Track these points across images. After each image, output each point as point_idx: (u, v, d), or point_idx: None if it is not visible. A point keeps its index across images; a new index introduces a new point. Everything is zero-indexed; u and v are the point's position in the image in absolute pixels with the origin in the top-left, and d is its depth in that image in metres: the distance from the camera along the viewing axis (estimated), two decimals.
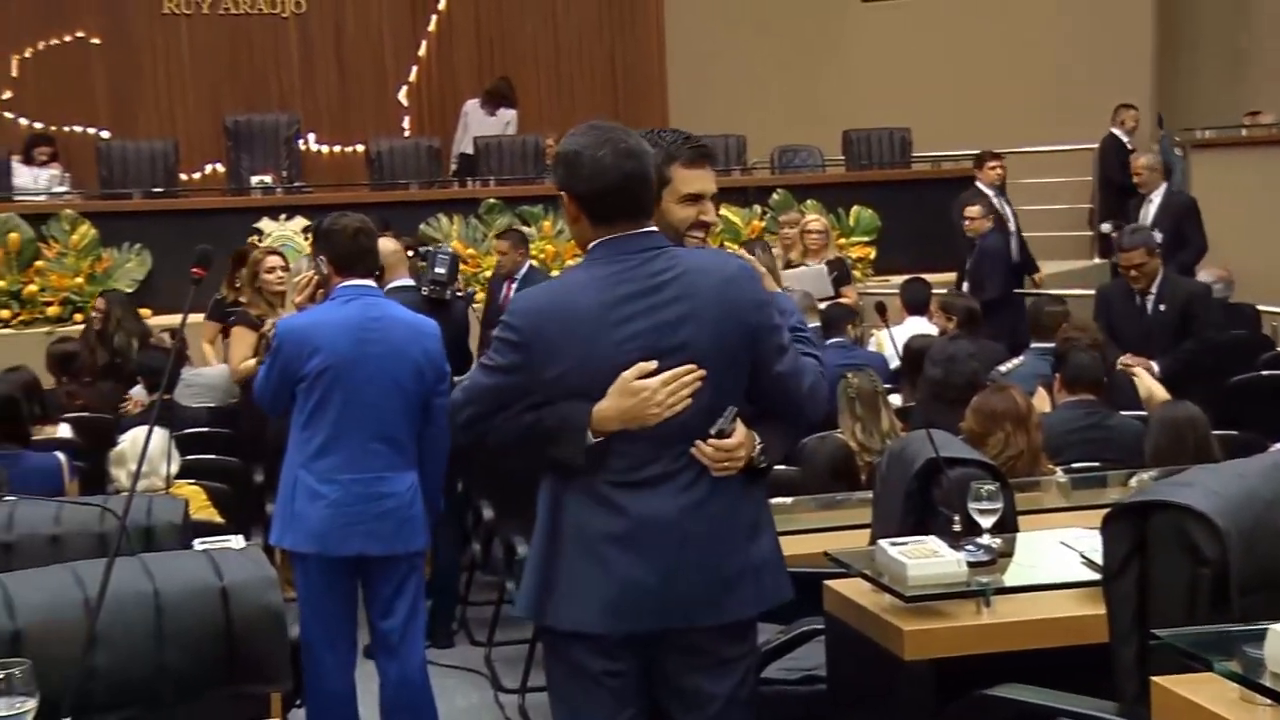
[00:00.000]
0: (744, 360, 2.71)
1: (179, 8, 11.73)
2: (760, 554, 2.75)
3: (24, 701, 1.91)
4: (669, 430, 2.64)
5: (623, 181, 2.66)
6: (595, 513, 2.69)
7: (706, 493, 2.68)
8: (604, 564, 2.66)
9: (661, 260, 2.69)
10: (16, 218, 8.61)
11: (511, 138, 10.91)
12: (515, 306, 2.80)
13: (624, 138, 2.70)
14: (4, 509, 3.15)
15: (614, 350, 2.65)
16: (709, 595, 2.68)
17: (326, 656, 4.16)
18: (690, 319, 2.66)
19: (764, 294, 2.77)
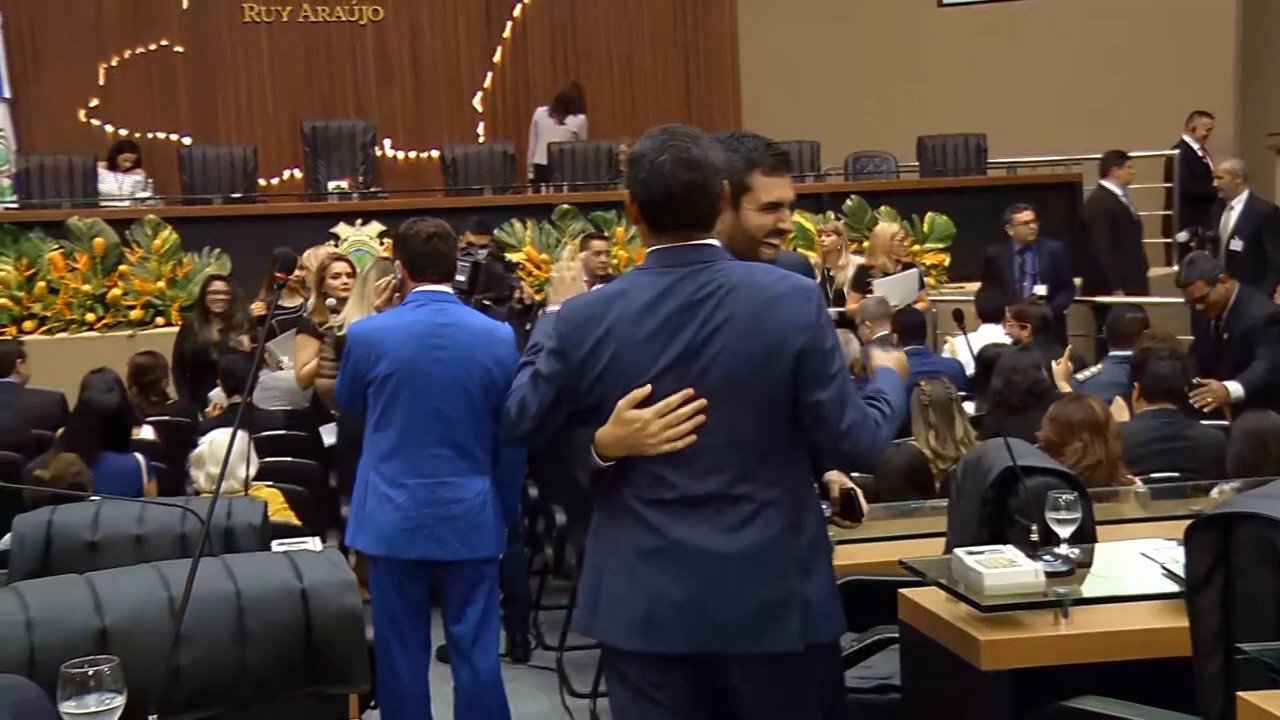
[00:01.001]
0: (780, 383, 2.61)
1: (259, 16, 11.89)
2: (812, 589, 2.66)
3: (112, 698, 1.94)
4: (693, 451, 2.60)
5: (679, 191, 2.63)
6: (631, 530, 2.67)
7: (747, 518, 2.62)
8: (637, 581, 2.65)
9: (708, 274, 2.63)
10: (102, 223, 8.77)
11: (584, 143, 10.94)
12: (560, 312, 2.80)
13: (689, 146, 2.65)
14: (90, 509, 3.21)
15: (642, 361, 2.62)
16: (745, 623, 2.61)
17: (399, 658, 4.19)
18: (722, 336, 2.60)
19: (816, 316, 2.64)
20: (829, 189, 10.36)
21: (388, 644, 4.16)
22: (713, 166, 2.65)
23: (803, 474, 2.76)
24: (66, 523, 3.12)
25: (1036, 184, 10.59)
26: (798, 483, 2.72)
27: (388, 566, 4.19)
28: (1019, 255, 8.70)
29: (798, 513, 2.67)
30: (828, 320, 2.68)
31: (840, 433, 2.64)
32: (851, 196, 10.02)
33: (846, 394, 2.65)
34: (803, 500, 2.72)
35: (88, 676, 1.93)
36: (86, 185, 9.66)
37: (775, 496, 2.64)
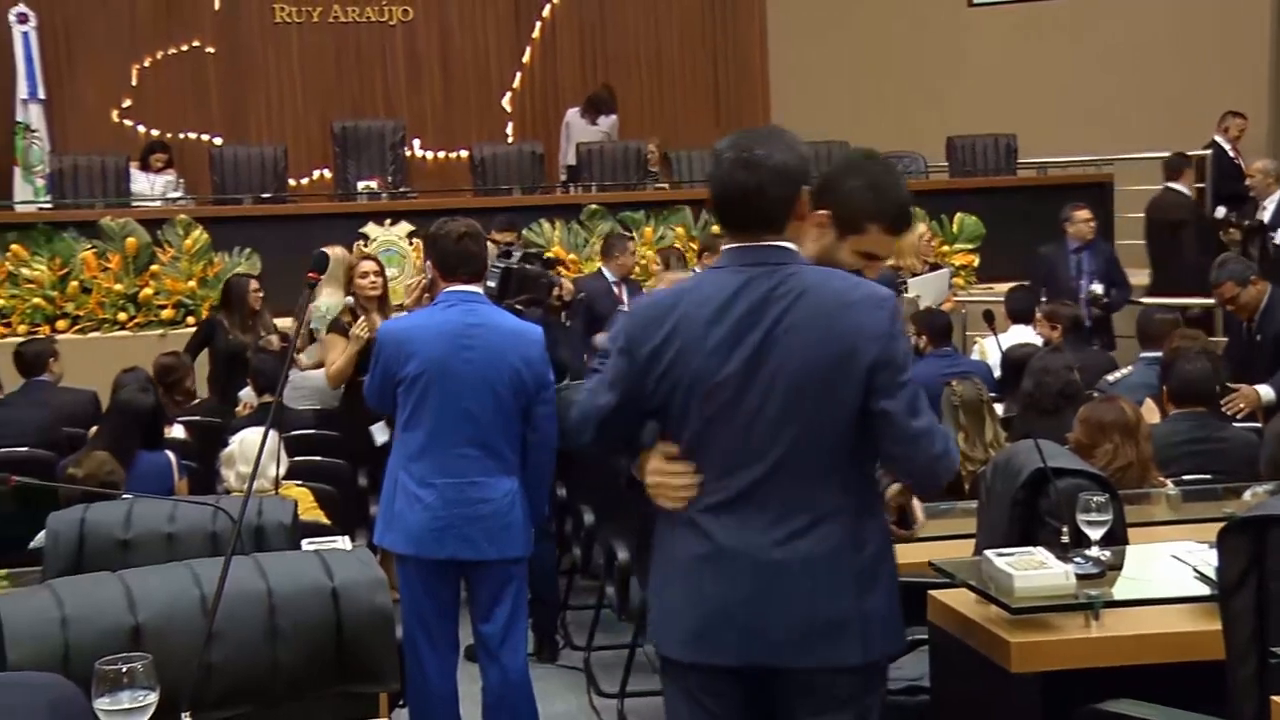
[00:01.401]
0: (846, 393, 2.55)
1: (290, 17, 11.94)
2: (873, 605, 2.59)
3: (146, 695, 1.95)
4: (752, 456, 2.57)
5: (734, 191, 2.61)
6: (685, 537, 2.64)
7: (805, 528, 2.56)
8: (689, 589, 2.62)
9: (779, 275, 2.59)
10: (134, 223, 8.83)
11: (613, 144, 10.95)
12: (629, 310, 2.81)
13: (752, 147, 2.61)
14: (123, 507, 3.24)
15: (708, 363, 2.59)
16: (799, 636, 2.56)
17: (427, 656, 4.21)
18: (790, 341, 2.55)
19: (889, 326, 2.57)
20: None
21: (416, 643, 4.18)
22: (773, 170, 2.59)
23: (867, 487, 2.69)
24: (99, 521, 3.14)
25: (1067, 184, 10.53)
26: (862, 495, 2.65)
27: (416, 566, 4.21)
28: (1075, 254, 8.65)
29: (860, 526, 2.61)
30: (901, 330, 2.63)
31: (911, 440, 2.56)
32: None
33: (918, 404, 2.58)
34: (866, 513, 2.65)
35: (121, 674, 1.95)
36: (119, 185, 9.73)
37: (836, 508, 2.58)
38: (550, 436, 4.33)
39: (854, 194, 2.79)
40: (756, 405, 2.56)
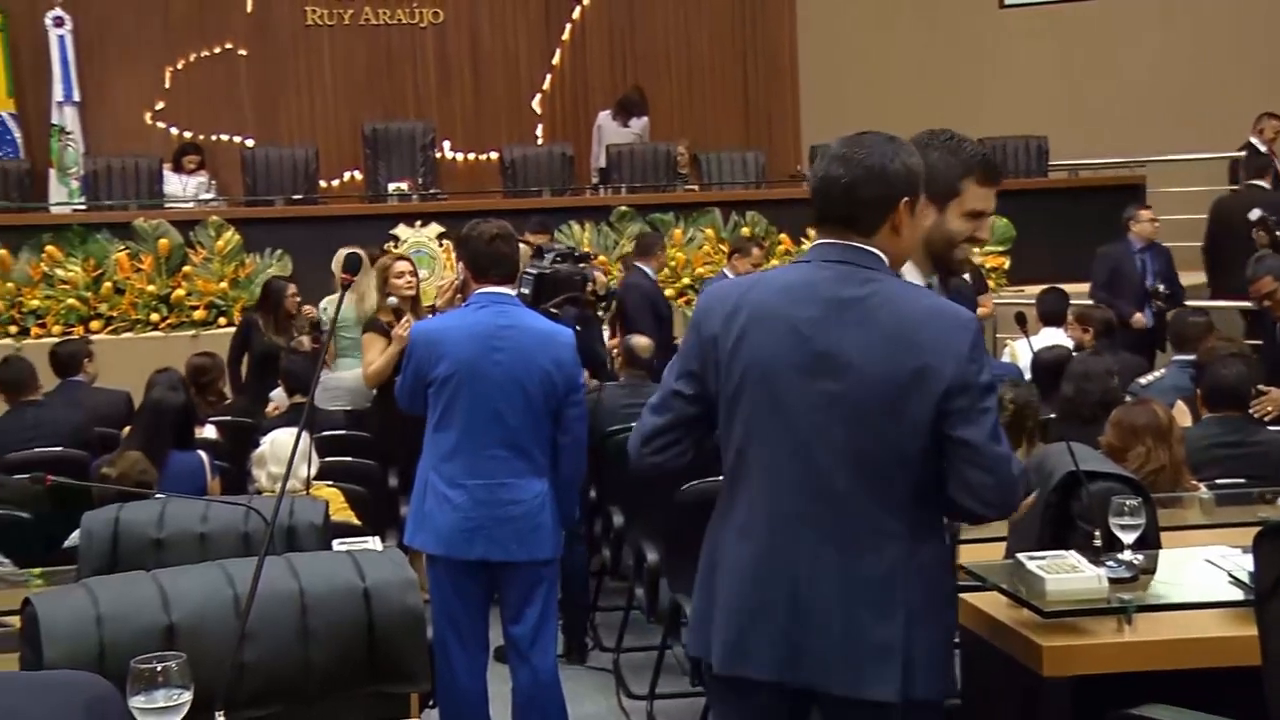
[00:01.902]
0: (915, 412, 2.45)
1: (322, 19, 12.01)
2: (921, 639, 2.48)
3: (180, 694, 1.97)
4: (809, 464, 2.50)
5: (822, 185, 2.57)
6: (736, 547, 2.59)
7: (861, 547, 2.48)
8: (733, 600, 2.57)
9: (862, 277, 2.53)
10: (167, 224, 8.89)
11: (643, 145, 10.96)
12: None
13: (852, 144, 2.57)
14: (156, 506, 3.25)
15: (776, 348, 2.53)
16: (839, 659, 2.48)
17: (457, 656, 4.22)
18: (863, 347, 2.47)
19: (971, 348, 2.47)
20: None
21: (446, 643, 4.19)
22: (868, 169, 2.53)
23: (931, 513, 2.56)
24: (133, 520, 3.15)
25: (1098, 186, 10.50)
26: (924, 520, 2.54)
27: (446, 566, 4.22)
28: (1139, 254, 8.60)
29: (919, 552, 2.50)
30: (982, 354, 2.51)
31: (991, 468, 2.45)
32: None
33: (999, 431, 2.49)
34: (927, 540, 2.53)
35: (156, 672, 1.96)
36: (152, 187, 9.81)
37: (895, 530, 2.49)
38: (581, 438, 4.34)
39: (935, 164, 2.72)
40: (818, 408, 2.50)
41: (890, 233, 2.56)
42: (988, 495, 2.48)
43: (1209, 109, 11.07)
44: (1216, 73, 11.36)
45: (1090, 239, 8.89)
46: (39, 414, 5.98)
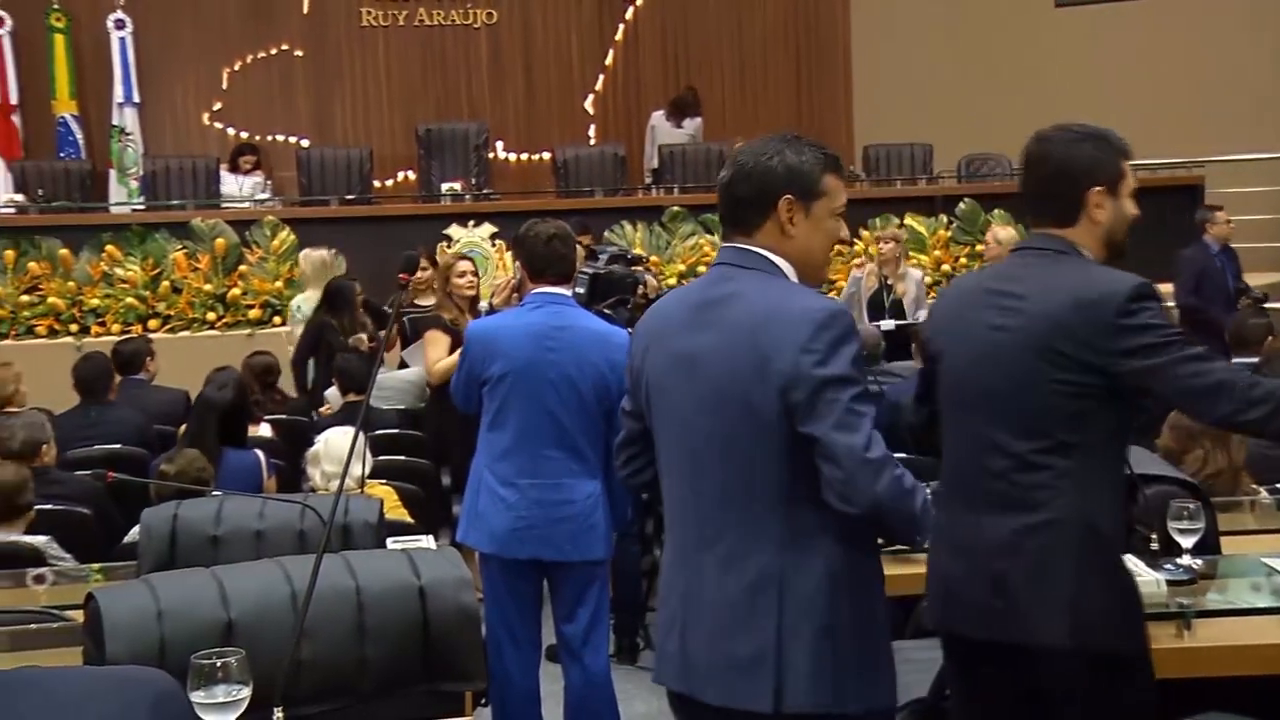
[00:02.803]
0: (764, 410, 2.36)
1: (377, 20, 12.09)
2: (791, 650, 2.37)
3: (239, 689, 1.99)
4: (688, 460, 2.48)
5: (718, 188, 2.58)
6: (666, 550, 2.63)
7: (732, 556, 2.42)
8: (663, 610, 2.59)
9: (726, 277, 2.50)
10: (223, 224, 8.97)
11: (696, 145, 10.96)
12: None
13: (743, 147, 2.56)
14: (213, 504, 3.30)
15: (662, 359, 2.53)
16: (708, 671, 2.45)
17: (510, 655, 4.23)
18: (709, 352, 2.44)
19: (809, 338, 2.35)
20: (941, 192, 10.25)
21: (499, 642, 4.20)
22: (741, 167, 2.51)
23: (816, 517, 2.39)
24: (191, 517, 3.20)
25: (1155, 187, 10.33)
26: (807, 525, 2.39)
27: (499, 565, 4.23)
28: (1218, 256, 8.50)
29: (801, 558, 2.39)
30: (828, 345, 2.36)
31: (835, 466, 2.31)
32: (965, 200, 9.91)
33: (851, 425, 2.32)
34: (811, 545, 2.39)
35: (216, 668, 1.98)
36: (209, 187, 9.91)
37: (772, 535, 2.40)
38: None
39: (1092, 155, 2.73)
40: (689, 413, 2.47)
41: (775, 231, 2.49)
42: (839, 489, 2.32)
43: (1269, 108, 10.93)
44: (1274, 71, 11.21)
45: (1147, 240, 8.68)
46: (101, 412, 6.06)
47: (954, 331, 2.76)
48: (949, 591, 2.69)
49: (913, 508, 2.36)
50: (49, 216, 9.22)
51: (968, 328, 2.71)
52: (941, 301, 3.04)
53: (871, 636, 2.46)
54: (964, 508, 2.66)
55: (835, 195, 2.53)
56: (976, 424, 2.66)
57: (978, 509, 2.62)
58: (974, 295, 2.77)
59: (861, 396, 2.35)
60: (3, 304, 8.56)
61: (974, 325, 2.69)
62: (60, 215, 9.30)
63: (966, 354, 2.70)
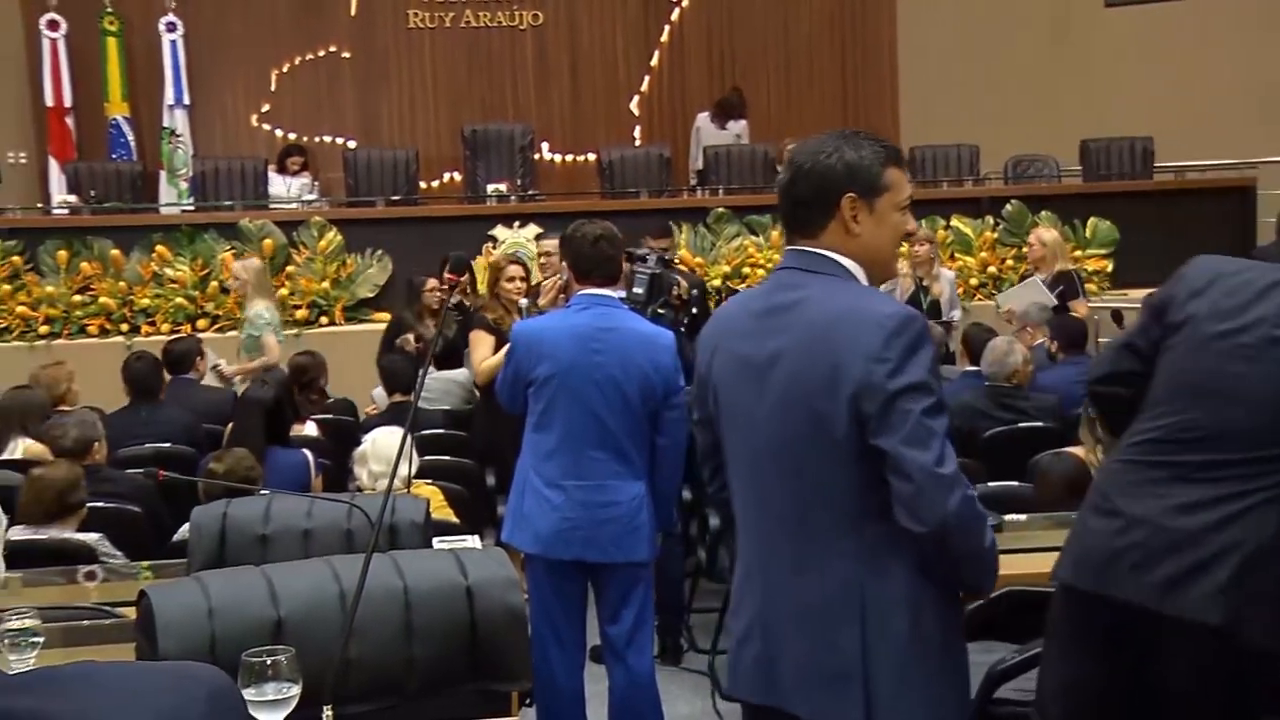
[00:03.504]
0: (836, 420, 2.31)
1: (423, 22, 12.15)
2: (877, 666, 2.34)
3: (289, 687, 2.01)
4: (762, 469, 2.44)
5: (779, 190, 2.54)
6: (740, 558, 2.59)
7: (809, 568, 2.39)
8: (735, 618, 2.56)
9: (793, 283, 2.45)
10: (271, 225, 9.05)
11: (741, 146, 10.94)
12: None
13: (800, 147, 2.53)
14: (262, 503, 3.32)
15: (729, 365, 2.50)
16: (795, 684, 2.41)
17: (555, 655, 4.24)
18: (779, 360, 2.39)
19: (882, 346, 2.29)
20: (988, 193, 10.20)
21: (544, 642, 4.22)
22: (799, 168, 2.47)
23: (886, 522, 2.33)
24: (240, 516, 3.22)
25: (1206, 189, 10.28)
26: (886, 540, 2.35)
27: (544, 565, 4.25)
28: None
29: (879, 574, 2.35)
30: (901, 353, 2.30)
31: (905, 480, 2.27)
32: (1011, 201, 9.85)
33: (922, 439, 2.27)
34: (891, 562, 2.35)
35: (266, 666, 2.00)
36: (257, 188, 9.97)
37: (846, 550, 2.36)
38: (679, 441, 4.34)
39: None
40: (760, 422, 2.42)
41: (840, 231, 2.44)
42: (908, 504, 2.27)
43: None
44: None
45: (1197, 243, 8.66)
46: (152, 411, 6.12)
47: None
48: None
49: (981, 535, 2.33)
50: (101, 217, 9.32)
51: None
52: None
53: (952, 647, 2.44)
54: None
55: (899, 188, 2.47)
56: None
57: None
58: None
59: (934, 408, 2.29)
60: (55, 304, 8.67)
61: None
62: (112, 216, 9.39)
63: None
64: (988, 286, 9.54)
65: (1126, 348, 2.84)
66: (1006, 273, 9.50)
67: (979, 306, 9.02)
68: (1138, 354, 2.76)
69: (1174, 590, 2.50)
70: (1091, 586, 2.62)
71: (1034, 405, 5.82)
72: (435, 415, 6.59)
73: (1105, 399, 2.90)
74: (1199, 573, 2.48)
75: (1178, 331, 2.66)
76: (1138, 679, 2.59)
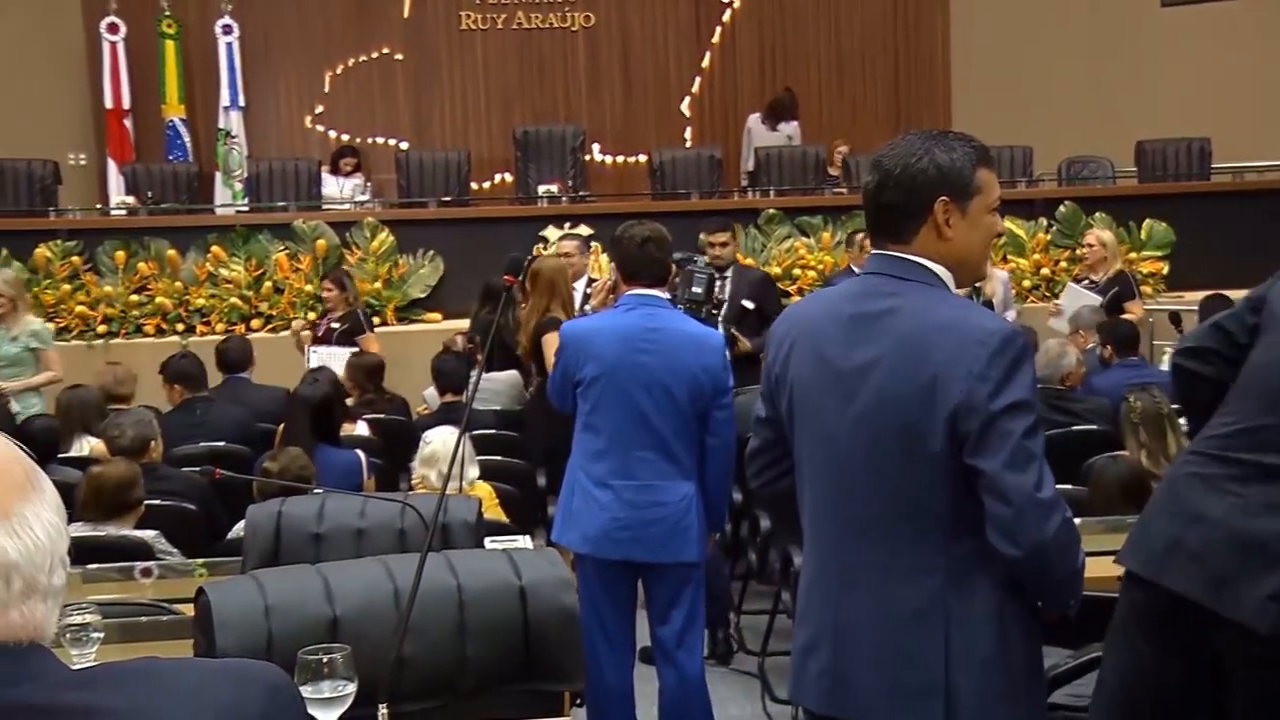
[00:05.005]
0: (931, 435, 2.28)
1: (476, 24, 12.20)
2: (959, 684, 2.31)
3: (345, 685, 2.03)
4: (850, 485, 2.39)
5: (864, 195, 2.48)
6: (806, 568, 2.56)
7: (892, 582, 2.36)
8: (803, 625, 2.52)
9: (885, 290, 2.39)
10: (324, 225, 9.12)
11: (792, 148, 10.92)
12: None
13: (884, 149, 2.47)
14: (316, 502, 3.34)
15: (812, 370, 2.45)
16: (871, 697, 2.38)
17: (604, 655, 4.25)
18: (871, 370, 2.35)
19: (986, 364, 2.25)
20: (1041, 195, 10.11)
21: (594, 642, 4.22)
22: (889, 173, 2.41)
23: (975, 538, 2.31)
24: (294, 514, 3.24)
25: (1265, 190, 10.14)
26: (974, 556, 2.32)
27: (594, 565, 4.26)
28: None
29: (965, 591, 2.32)
30: (1005, 371, 2.26)
31: (1003, 503, 2.23)
32: (1065, 203, 9.77)
33: (1021, 461, 2.23)
34: (978, 579, 2.33)
35: (322, 664, 2.02)
36: (310, 189, 10.06)
37: (934, 564, 2.32)
38: (729, 442, 4.33)
39: None
40: (845, 431, 2.39)
41: (933, 236, 2.40)
42: (1005, 528, 2.23)
43: None
44: None
45: (1254, 244, 8.60)
46: (207, 410, 6.19)
47: None
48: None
49: (1075, 558, 2.30)
50: (157, 218, 9.43)
51: None
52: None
53: (1033, 664, 2.42)
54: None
55: (990, 190, 2.43)
56: None
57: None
58: None
59: (1034, 428, 2.26)
60: (113, 303, 8.77)
61: None
62: (168, 217, 9.51)
63: None
64: (1040, 289, 9.47)
65: (1215, 326, 2.82)
66: (1060, 275, 9.42)
67: (1031, 309, 8.96)
68: (1225, 335, 2.75)
69: (1226, 588, 2.48)
70: (1151, 574, 2.61)
71: (1087, 408, 5.77)
72: (486, 415, 6.62)
73: (1185, 372, 2.88)
74: (1259, 575, 2.46)
75: (1268, 332, 2.64)
76: (1192, 668, 2.58)
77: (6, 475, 1.21)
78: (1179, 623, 2.57)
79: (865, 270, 2.51)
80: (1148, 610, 2.62)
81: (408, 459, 5.45)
